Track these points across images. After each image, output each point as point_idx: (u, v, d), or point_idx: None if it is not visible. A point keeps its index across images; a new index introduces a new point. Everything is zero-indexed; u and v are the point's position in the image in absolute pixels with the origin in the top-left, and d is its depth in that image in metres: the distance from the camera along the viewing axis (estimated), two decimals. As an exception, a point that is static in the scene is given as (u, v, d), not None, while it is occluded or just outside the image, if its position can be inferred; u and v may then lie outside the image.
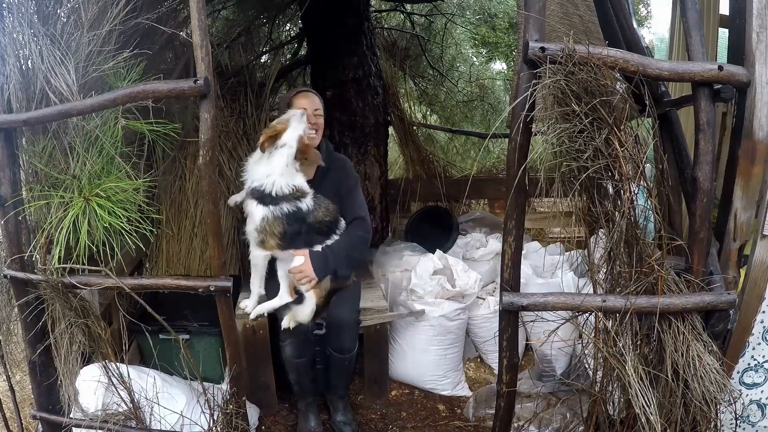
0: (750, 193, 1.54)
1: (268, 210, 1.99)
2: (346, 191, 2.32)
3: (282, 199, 1.99)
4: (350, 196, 2.31)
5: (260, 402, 2.45)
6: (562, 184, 1.45)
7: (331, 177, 2.32)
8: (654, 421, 1.41)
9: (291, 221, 2.01)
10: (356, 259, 2.24)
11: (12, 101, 1.71)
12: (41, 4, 1.73)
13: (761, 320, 1.73)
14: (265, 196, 1.99)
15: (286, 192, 2.00)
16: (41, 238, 1.72)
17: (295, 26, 4.72)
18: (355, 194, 2.34)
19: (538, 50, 1.41)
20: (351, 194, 2.32)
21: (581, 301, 1.51)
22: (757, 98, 1.48)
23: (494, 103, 5.24)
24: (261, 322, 2.35)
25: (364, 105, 3.53)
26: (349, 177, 2.38)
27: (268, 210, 1.99)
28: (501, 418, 1.74)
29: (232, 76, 3.26)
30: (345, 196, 2.31)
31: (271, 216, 1.99)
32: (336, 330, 2.28)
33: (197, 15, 1.56)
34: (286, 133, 2.02)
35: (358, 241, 2.23)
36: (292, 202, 2.02)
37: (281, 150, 2.00)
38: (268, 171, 2.00)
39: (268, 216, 1.99)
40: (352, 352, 2.29)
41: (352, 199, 2.31)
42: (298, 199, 2.03)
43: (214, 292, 1.74)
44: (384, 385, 2.66)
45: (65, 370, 1.82)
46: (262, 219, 2.00)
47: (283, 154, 2.00)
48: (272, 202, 1.99)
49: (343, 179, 2.35)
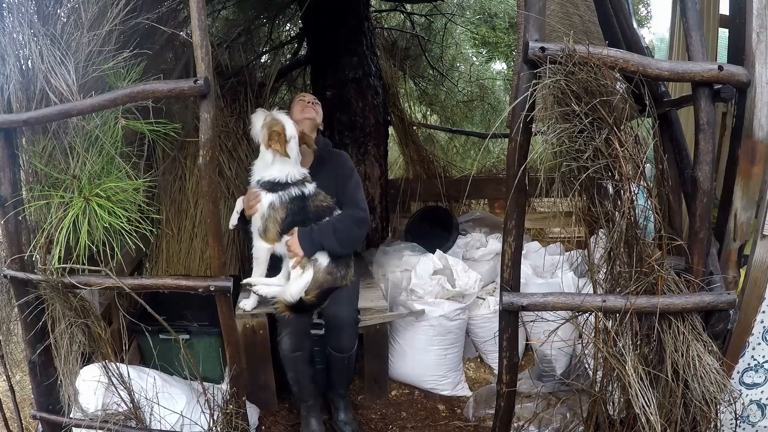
0: (750, 193, 1.54)
1: (276, 195, 2.16)
2: (342, 180, 2.40)
3: (292, 185, 2.17)
4: (346, 185, 2.39)
5: (260, 402, 2.45)
6: (562, 184, 1.45)
7: (328, 168, 2.41)
8: (654, 421, 1.41)
9: (294, 205, 2.18)
10: (344, 235, 2.24)
11: (12, 101, 1.71)
12: (41, 4, 1.73)
13: (761, 320, 1.73)
14: (276, 185, 2.16)
15: (298, 178, 2.19)
16: (41, 238, 1.72)
17: (295, 26, 4.73)
18: (350, 181, 2.41)
19: (538, 50, 1.41)
20: (347, 183, 2.40)
21: (581, 301, 1.51)
22: (757, 98, 1.48)
23: (494, 103, 5.23)
24: (261, 322, 2.35)
25: (364, 105, 3.53)
26: (345, 167, 2.47)
27: (276, 195, 2.16)
28: (501, 418, 1.74)
29: (232, 76, 3.27)
30: (341, 185, 2.39)
31: (278, 201, 2.16)
32: (335, 329, 2.28)
33: (197, 15, 1.56)
34: (286, 129, 2.18)
35: (346, 217, 2.29)
36: (299, 186, 2.19)
37: (291, 144, 2.18)
38: (284, 167, 2.17)
39: (275, 201, 2.16)
40: (352, 351, 2.29)
41: (347, 185, 2.39)
42: (303, 184, 2.21)
43: (214, 292, 1.74)
44: (384, 385, 2.66)
45: (65, 370, 1.82)
46: (270, 205, 2.16)
47: (293, 146, 2.19)
48: (282, 188, 2.15)
49: (339, 169, 2.44)
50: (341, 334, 2.26)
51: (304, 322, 2.26)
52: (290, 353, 2.22)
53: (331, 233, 2.21)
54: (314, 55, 3.70)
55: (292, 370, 2.26)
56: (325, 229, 2.22)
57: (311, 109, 2.45)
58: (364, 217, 2.33)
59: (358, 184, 2.44)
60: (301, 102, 2.46)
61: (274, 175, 2.16)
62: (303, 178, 2.22)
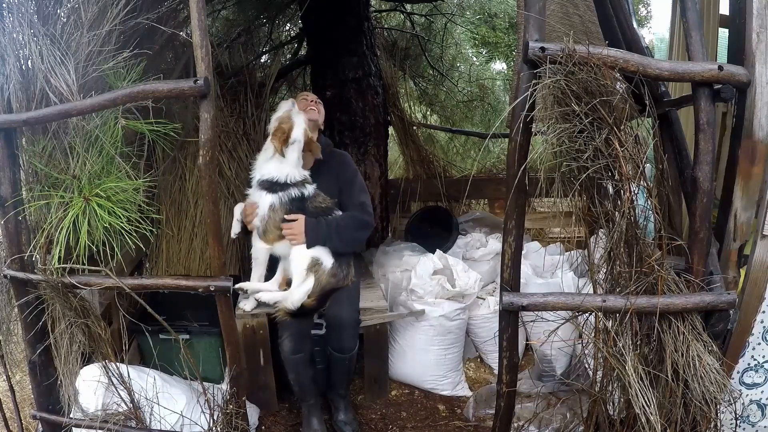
0: (750, 193, 1.54)
1: (276, 197, 2.16)
2: (345, 182, 2.40)
3: (292, 186, 2.18)
4: (350, 186, 2.39)
5: (260, 402, 2.45)
6: (562, 184, 1.45)
7: (329, 168, 2.40)
8: (654, 421, 1.41)
9: (293, 206, 2.17)
10: (348, 236, 2.26)
11: (12, 101, 1.71)
12: (41, 4, 1.73)
13: (761, 320, 1.73)
14: (275, 185, 2.16)
15: (298, 179, 2.20)
16: (41, 238, 1.72)
17: (295, 26, 4.72)
18: (355, 184, 2.40)
19: (538, 50, 1.41)
20: (350, 184, 2.39)
21: (581, 301, 1.51)
22: (757, 98, 1.48)
23: (494, 103, 5.23)
24: (261, 321, 2.35)
25: (364, 105, 3.53)
26: (348, 169, 2.46)
27: (276, 197, 2.16)
28: (501, 418, 1.74)
29: (232, 76, 3.27)
30: (344, 186, 2.39)
31: (278, 202, 2.16)
32: (336, 329, 2.28)
33: (197, 15, 1.56)
34: (294, 131, 2.18)
35: (351, 219, 2.29)
36: (299, 187, 2.20)
37: (293, 146, 2.19)
38: (282, 166, 2.18)
39: (275, 202, 2.16)
40: (353, 351, 2.29)
41: (353, 188, 2.38)
42: (303, 186, 2.22)
43: (214, 292, 1.74)
44: (384, 385, 2.66)
45: (65, 370, 1.82)
46: (270, 206, 2.16)
47: (295, 149, 2.20)
48: (281, 189, 2.16)
49: (342, 171, 2.43)
50: (342, 335, 2.26)
51: (305, 325, 2.26)
52: (291, 355, 2.22)
53: (335, 231, 2.22)
54: (314, 55, 3.70)
55: (293, 371, 2.26)
56: (331, 227, 2.22)
57: (313, 110, 2.43)
58: (369, 221, 2.34)
59: (362, 186, 2.43)
60: (304, 102, 2.45)
61: (273, 174, 2.17)
62: (303, 179, 2.22)
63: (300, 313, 2.17)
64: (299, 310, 2.16)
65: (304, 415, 2.35)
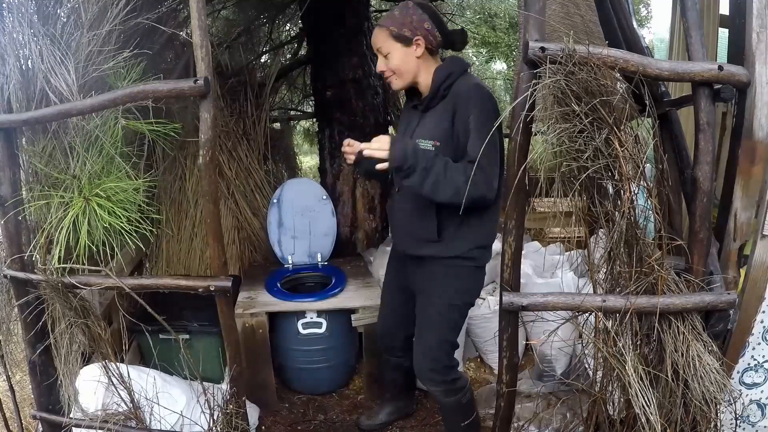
0: (750, 193, 1.54)
1: None
2: (465, 126, 1.81)
3: None
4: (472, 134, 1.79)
5: (260, 402, 2.45)
6: (562, 184, 1.44)
7: (447, 104, 1.88)
8: (654, 421, 1.41)
9: None
10: (438, 177, 1.71)
11: (12, 101, 1.71)
12: (41, 4, 1.73)
13: (761, 320, 1.73)
14: None
15: None
16: (41, 238, 1.72)
17: (295, 26, 4.73)
18: (476, 133, 1.77)
19: (538, 50, 1.41)
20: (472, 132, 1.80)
21: (581, 301, 1.51)
22: (757, 98, 1.48)
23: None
24: (261, 321, 2.35)
25: (364, 105, 3.53)
26: (468, 109, 1.81)
27: None
28: (501, 418, 1.74)
29: (232, 76, 3.27)
30: (463, 132, 1.83)
31: None
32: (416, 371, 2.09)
33: (197, 15, 1.56)
34: None
35: (452, 166, 1.75)
36: None
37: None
38: None
39: None
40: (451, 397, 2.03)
41: (472, 138, 1.78)
42: None
43: (214, 292, 1.74)
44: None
45: (65, 370, 1.82)
46: None
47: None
48: None
49: (463, 110, 1.83)
50: (422, 379, 2.08)
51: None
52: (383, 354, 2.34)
53: (424, 166, 1.71)
54: (314, 55, 3.70)
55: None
56: (426, 157, 1.73)
57: (390, 79, 2.02)
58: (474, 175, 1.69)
59: (482, 139, 1.69)
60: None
61: None
62: None
63: None
64: None
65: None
